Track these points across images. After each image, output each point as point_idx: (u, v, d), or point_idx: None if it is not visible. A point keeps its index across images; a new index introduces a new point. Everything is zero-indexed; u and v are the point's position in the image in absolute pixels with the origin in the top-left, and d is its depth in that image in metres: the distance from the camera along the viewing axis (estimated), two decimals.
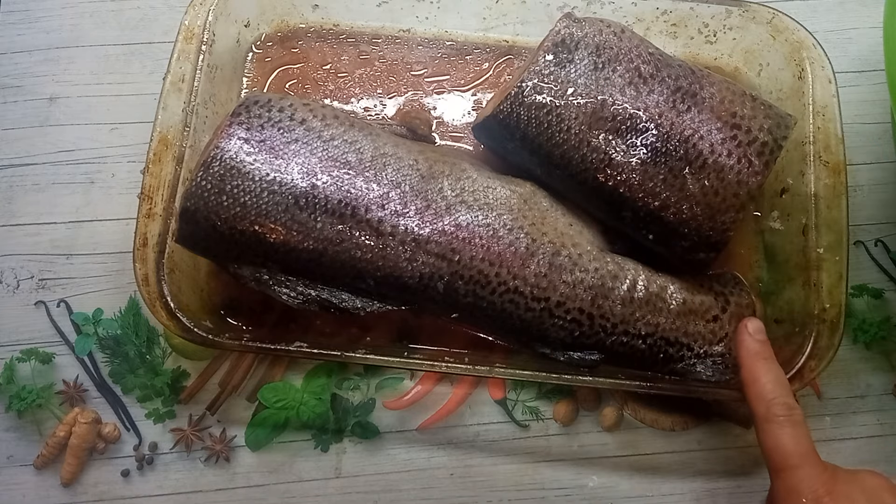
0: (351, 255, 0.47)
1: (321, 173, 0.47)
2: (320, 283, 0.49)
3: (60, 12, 0.66)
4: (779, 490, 0.43)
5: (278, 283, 0.48)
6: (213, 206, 0.47)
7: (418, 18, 0.61)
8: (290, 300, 0.48)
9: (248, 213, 0.46)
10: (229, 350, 0.56)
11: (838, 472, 0.43)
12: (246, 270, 0.48)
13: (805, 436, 0.43)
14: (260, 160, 0.47)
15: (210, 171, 0.47)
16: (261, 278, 0.48)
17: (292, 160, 0.47)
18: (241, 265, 0.48)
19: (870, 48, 0.65)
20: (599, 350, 0.49)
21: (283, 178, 0.47)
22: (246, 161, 0.47)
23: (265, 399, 0.55)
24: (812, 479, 0.42)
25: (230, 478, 0.55)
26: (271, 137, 0.47)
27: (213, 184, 0.46)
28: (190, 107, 0.53)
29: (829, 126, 0.53)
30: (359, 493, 0.55)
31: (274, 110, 0.49)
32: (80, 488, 0.55)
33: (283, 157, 0.47)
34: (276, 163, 0.47)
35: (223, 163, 0.47)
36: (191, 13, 0.55)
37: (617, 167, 0.48)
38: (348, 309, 0.49)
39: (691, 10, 0.58)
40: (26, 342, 0.58)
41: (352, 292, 0.49)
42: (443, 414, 0.56)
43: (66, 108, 0.63)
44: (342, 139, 0.48)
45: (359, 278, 0.47)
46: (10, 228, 0.60)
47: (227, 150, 0.47)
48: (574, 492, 0.55)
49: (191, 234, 0.48)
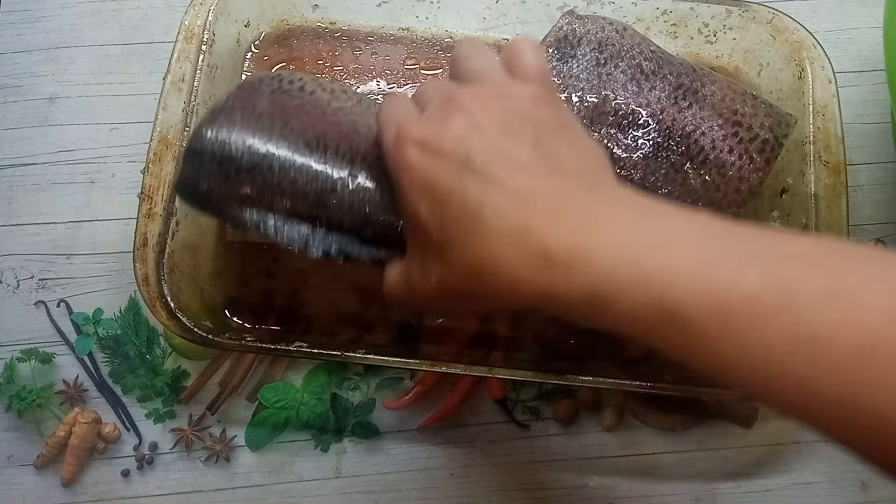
0: (360, 198, 0.46)
1: (331, 127, 0.46)
2: (325, 227, 0.47)
3: (60, 12, 0.66)
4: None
5: (280, 224, 0.47)
6: (220, 145, 0.45)
7: (418, 18, 0.61)
8: (291, 242, 0.46)
9: (257, 151, 0.46)
10: (229, 350, 0.56)
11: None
12: (248, 213, 0.46)
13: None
14: (269, 111, 0.46)
15: (219, 114, 0.46)
16: (263, 221, 0.47)
17: (303, 113, 0.47)
18: (244, 208, 0.47)
19: (870, 48, 0.65)
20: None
21: (294, 125, 0.46)
22: (256, 108, 0.46)
23: (265, 399, 0.55)
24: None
25: (230, 478, 0.55)
26: (282, 97, 0.47)
27: (222, 124, 0.46)
28: (190, 107, 0.53)
29: (829, 126, 0.53)
30: (359, 493, 0.55)
31: (285, 81, 0.49)
32: (80, 488, 0.55)
33: (293, 110, 0.46)
34: (287, 113, 0.46)
35: (233, 108, 0.46)
36: (191, 13, 0.55)
37: (618, 161, 0.48)
38: (352, 255, 0.47)
39: (691, 10, 0.58)
40: (26, 342, 0.58)
41: (360, 240, 0.47)
42: (443, 414, 0.56)
43: (66, 108, 0.63)
44: (350, 105, 0.48)
45: (366, 224, 0.47)
46: (10, 228, 0.60)
47: (238, 97, 0.47)
48: (574, 492, 0.55)
49: (193, 176, 0.46)
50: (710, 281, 0.28)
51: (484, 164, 0.34)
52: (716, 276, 0.28)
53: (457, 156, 0.35)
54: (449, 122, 0.36)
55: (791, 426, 0.56)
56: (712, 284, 0.28)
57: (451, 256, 0.35)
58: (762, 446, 0.56)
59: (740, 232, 0.31)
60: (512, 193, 0.34)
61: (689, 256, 0.30)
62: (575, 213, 0.33)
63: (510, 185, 0.34)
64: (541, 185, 0.34)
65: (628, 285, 0.30)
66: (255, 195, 0.46)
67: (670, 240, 0.31)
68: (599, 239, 0.31)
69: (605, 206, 0.33)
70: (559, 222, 0.32)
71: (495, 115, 0.36)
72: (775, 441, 0.56)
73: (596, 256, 0.31)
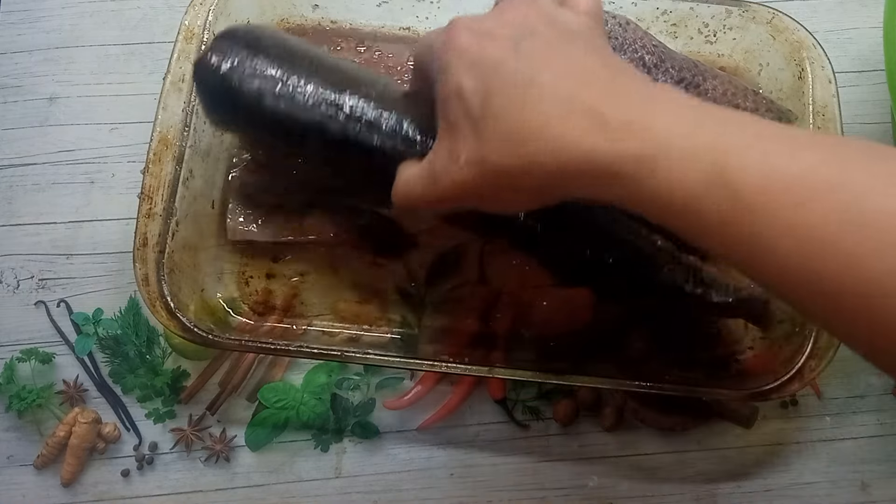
0: (383, 99, 0.46)
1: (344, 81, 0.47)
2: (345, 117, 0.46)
3: (60, 12, 0.66)
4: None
5: (296, 107, 0.46)
6: (252, 33, 0.47)
7: (418, 18, 0.61)
8: (305, 130, 0.46)
9: (285, 43, 0.47)
10: (229, 350, 0.56)
11: None
12: (266, 96, 0.46)
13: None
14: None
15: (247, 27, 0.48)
16: (278, 106, 0.46)
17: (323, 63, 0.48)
18: (263, 90, 0.46)
19: (870, 48, 0.65)
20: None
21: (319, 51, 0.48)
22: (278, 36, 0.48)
23: (265, 399, 0.55)
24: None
25: (230, 478, 0.55)
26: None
27: (254, 27, 0.48)
28: (190, 107, 0.53)
29: (829, 126, 0.53)
30: (359, 493, 0.55)
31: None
32: (80, 488, 0.55)
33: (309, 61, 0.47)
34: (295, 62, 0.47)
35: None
36: (191, 13, 0.55)
37: None
38: (365, 144, 0.46)
39: (691, 10, 0.58)
40: (26, 342, 0.58)
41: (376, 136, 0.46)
42: (443, 414, 0.56)
43: (66, 108, 0.63)
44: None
45: (384, 123, 0.46)
46: (10, 228, 0.60)
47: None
48: (574, 492, 0.55)
49: (220, 55, 0.46)
50: (766, 155, 0.29)
51: (541, 46, 0.35)
52: (772, 152, 0.29)
53: (511, 38, 0.35)
54: (504, 15, 0.37)
55: (791, 426, 0.57)
56: (769, 159, 0.29)
57: (492, 127, 0.34)
58: (762, 446, 0.56)
59: (789, 129, 0.32)
60: (567, 72, 0.34)
61: (746, 135, 0.30)
62: (630, 92, 0.34)
63: (564, 67, 0.34)
64: (598, 70, 0.35)
65: (683, 153, 0.30)
66: (280, 76, 0.46)
67: (727, 121, 0.32)
68: (655, 112, 0.32)
69: (662, 92, 0.34)
70: (615, 96, 0.33)
71: (548, 20, 0.36)
72: (775, 441, 0.56)
73: (652, 124, 0.31)
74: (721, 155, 0.30)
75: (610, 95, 0.33)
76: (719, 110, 0.33)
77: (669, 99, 0.33)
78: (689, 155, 0.30)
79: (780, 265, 0.29)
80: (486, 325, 0.54)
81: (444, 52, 0.37)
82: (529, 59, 0.35)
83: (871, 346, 0.28)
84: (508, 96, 0.34)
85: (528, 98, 0.34)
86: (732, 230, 0.30)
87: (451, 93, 0.36)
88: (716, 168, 0.30)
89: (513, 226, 0.49)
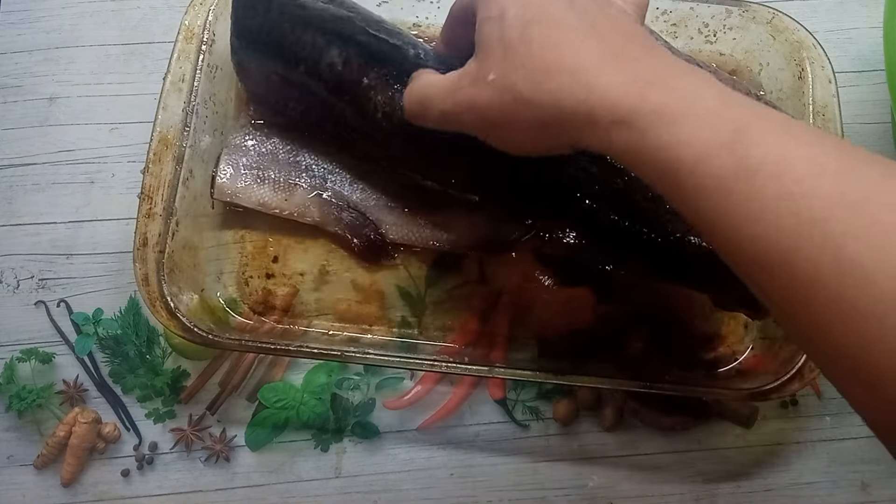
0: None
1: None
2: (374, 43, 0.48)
3: (60, 12, 0.66)
4: None
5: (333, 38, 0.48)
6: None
7: (418, 18, 0.61)
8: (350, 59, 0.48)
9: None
10: (229, 350, 0.56)
11: None
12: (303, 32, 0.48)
13: None
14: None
15: None
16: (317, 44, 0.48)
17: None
18: (298, 28, 0.49)
19: (870, 48, 0.65)
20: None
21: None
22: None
23: (265, 399, 0.55)
24: None
25: (230, 478, 0.55)
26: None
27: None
28: (190, 107, 0.53)
29: (829, 126, 0.53)
30: (359, 493, 0.55)
31: None
32: (80, 488, 0.55)
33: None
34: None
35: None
36: (191, 13, 0.55)
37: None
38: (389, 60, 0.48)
39: (691, 10, 0.58)
40: (26, 342, 0.58)
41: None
42: (443, 414, 0.56)
43: (66, 108, 0.63)
44: None
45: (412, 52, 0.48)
46: (10, 228, 0.60)
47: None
48: (574, 492, 0.55)
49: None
50: (781, 135, 0.30)
51: (589, 4, 0.36)
52: (788, 134, 0.30)
53: None
54: None
55: (791, 426, 0.57)
56: (782, 138, 0.30)
57: (526, 54, 0.35)
58: (762, 446, 0.56)
59: (810, 127, 0.35)
60: (610, 29, 0.35)
61: (769, 117, 0.32)
62: (667, 58, 0.35)
63: (610, 25, 0.36)
64: (637, 37, 0.36)
65: (708, 113, 0.32)
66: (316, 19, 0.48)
67: (753, 104, 0.33)
68: (689, 78, 0.34)
69: (695, 69, 0.35)
70: (653, 58, 0.35)
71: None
72: (775, 441, 0.56)
73: (680, 85, 0.33)
74: (740, 125, 0.31)
75: (649, 56, 0.35)
76: (747, 98, 0.34)
77: (699, 72, 0.34)
78: (710, 118, 0.31)
79: (760, 241, 0.29)
80: (486, 325, 0.54)
81: None
82: (577, 9, 0.36)
83: (839, 347, 0.28)
84: (550, 30, 0.35)
85: (569, 38, 0.35)
86: (725, 197, 0.30)
87: (493, 15, 0.37)
88: (731, 135, 0.31)
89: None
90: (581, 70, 0.34)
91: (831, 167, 0.29)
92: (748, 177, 0.30)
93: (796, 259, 0.28)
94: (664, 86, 0.33)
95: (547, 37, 0.35)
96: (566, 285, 0.54)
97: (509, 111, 0.36)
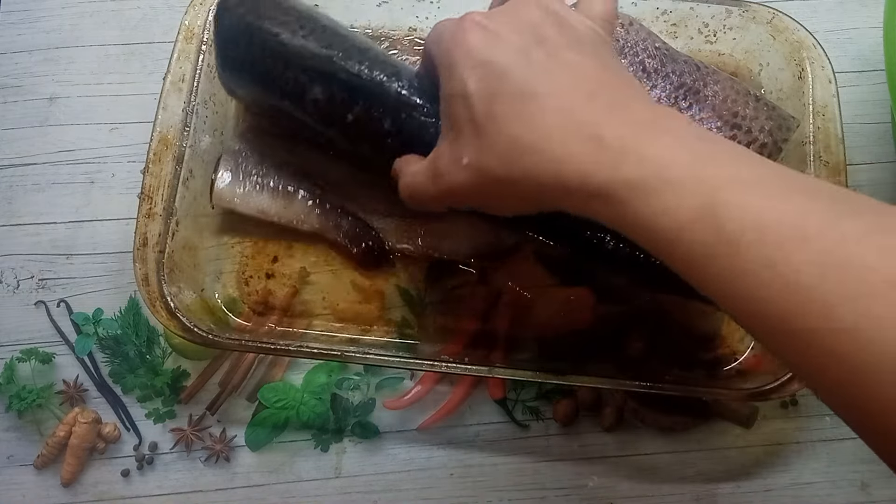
0: (391, 74, 0.47)
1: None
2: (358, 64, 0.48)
3: (60, 12, 0.66)
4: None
5: (311, 40, 0.48)
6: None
7: (418, 18, 0.61)
8: (320, 57, 0.47)
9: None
10: (229, 350, 0.56)
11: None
12: (284, 33, 0.48)
13: None
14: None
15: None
16: (294, 42, 0.48)
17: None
18: (280, 30, 0.48)
19: (870, 48, 0.65)
20: None
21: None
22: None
23: (265, 399, 0.55)
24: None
25: (230, 478, 0.55)
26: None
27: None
28: (190, 107, 0.53)
29: (829, 126, 0.53)
30: (359, 493, 0.55)
31: None
32: (80, 488, 0.55)
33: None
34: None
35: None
36: (191, 13, 0.55)
37: None
38: (374, 96, 0.47)
39: (691, 10, 0.58)
40: (26, 342, 0.58)
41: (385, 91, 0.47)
42: (443, 414, 0.56)
43: (66, 108, 0.64)
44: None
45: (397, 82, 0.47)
46: (10, 228, 0.60)
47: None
48: (574, 492, 0.55)
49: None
50: (757, 195, 0.29)
51: (548, 56, 0.35)
52: (764, 192, 0.29)
53: (520, 44, 0.36)
54: (517, 14, 0.37)
55: (791, 426, 0.56)
56: (758, 200, 0.29)
57: (494, 134, 0.35)
58: (762, 446, 0.56)
59: (786, 171, 0.32)
60: (571, 85, 0.34)
61: (741, 173, 0.31)
62: (633, 112, 0.34)
63: (569, 80, 0.34)
64: (603, 86, 0.35)
65: (678, 184, 0.31)
66: (299, 19, 0.48)
67: (724, 156, 0.32)
68: (655, 139, 0.32)
69: (663, 117, 0.34)
70: (617, 115, 0.33)
71: (560, 25, 0.37)
72: (775, 441, 0.56)
73: (650, 152, 0.32)
74: (714, 190, 0.30)
75: (612, 114, 0.34)
76: (718, 143, 0.33)
77: (670, 127, 0.33)
78: (683, 187, 0.31)
79: (751, 299, 0.29)
80: (486, 325, 0.54)
81: (453, 48, 0.38)
82: (536, 70, 0.35)
83: (837, 392, 0.28)
84: (512, 105, 0.35)
85: (532, 110, 0.34)
86: (713, 263, 0.30)
87: (457, 93, 0.37)
88: (708, 201, 0.30)
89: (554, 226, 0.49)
90: (547, 146, 0.34)
91: (813, 227, 0.28)
92: (730, 244, 0.29)
93: (792, 319, 0.28)
94: (633, 154, 0.32)
95: (509, 113, 0.35)
96: (566, 285, 0.54)
97: (489, 191, 0.37)
